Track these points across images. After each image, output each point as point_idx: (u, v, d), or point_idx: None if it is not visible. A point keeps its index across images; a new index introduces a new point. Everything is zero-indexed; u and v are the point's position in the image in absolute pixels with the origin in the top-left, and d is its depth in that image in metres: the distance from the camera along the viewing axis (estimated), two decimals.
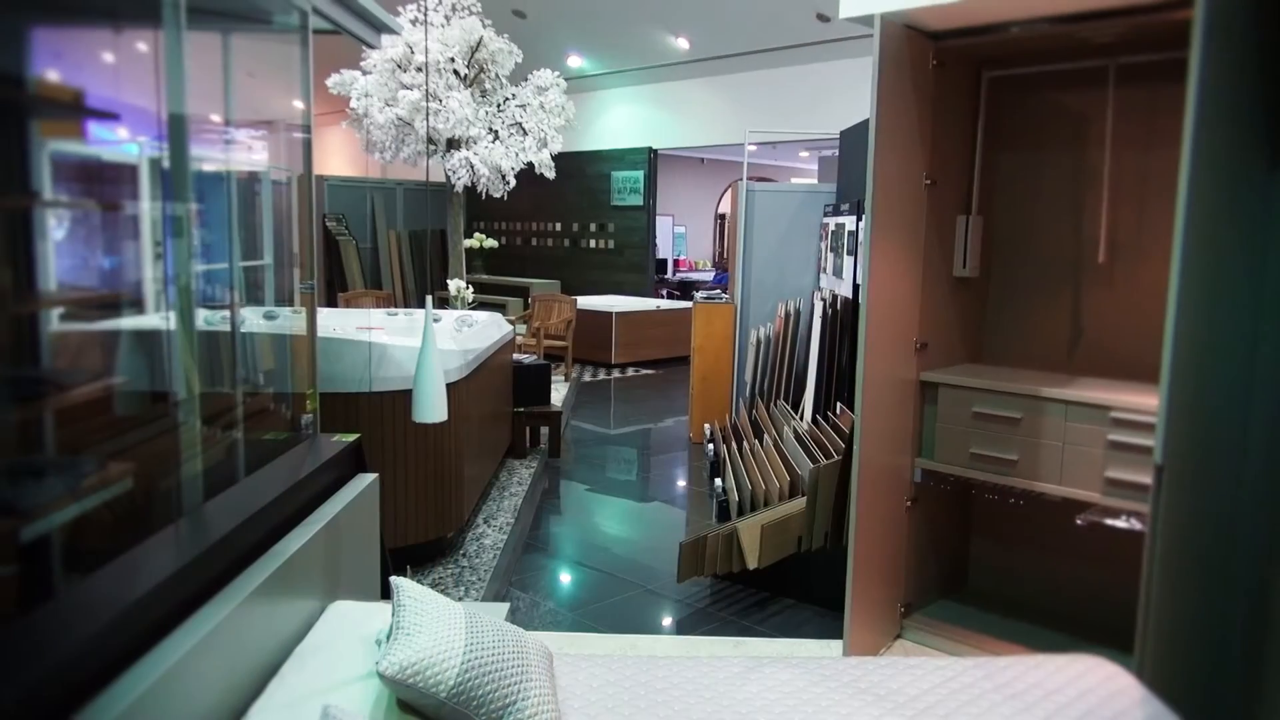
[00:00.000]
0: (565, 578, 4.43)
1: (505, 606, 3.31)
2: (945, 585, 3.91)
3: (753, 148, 7.40)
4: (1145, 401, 2.93)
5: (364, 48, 6.22)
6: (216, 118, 2.39)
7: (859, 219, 4.77)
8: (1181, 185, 2.29)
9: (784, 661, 2.36)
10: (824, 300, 5.51)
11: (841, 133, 6.04)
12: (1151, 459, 2.40)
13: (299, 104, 2.78)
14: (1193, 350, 2.37)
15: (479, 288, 9.76)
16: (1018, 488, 3.32)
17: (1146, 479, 2.52)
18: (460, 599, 3.95)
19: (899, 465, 3.50)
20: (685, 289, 15.58)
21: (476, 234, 10.77)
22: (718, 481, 4.82)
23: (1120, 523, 3.09)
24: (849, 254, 5.07)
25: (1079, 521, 3.19)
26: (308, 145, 2.76)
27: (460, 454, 4.41)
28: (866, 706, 2.11)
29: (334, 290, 10.61)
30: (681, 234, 18.46)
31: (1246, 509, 2.52)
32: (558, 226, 13.45)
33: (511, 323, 7.09)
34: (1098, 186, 3.48)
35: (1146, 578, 2.41)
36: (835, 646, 3.50)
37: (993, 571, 3.94)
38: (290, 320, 2.83)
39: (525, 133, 8.65)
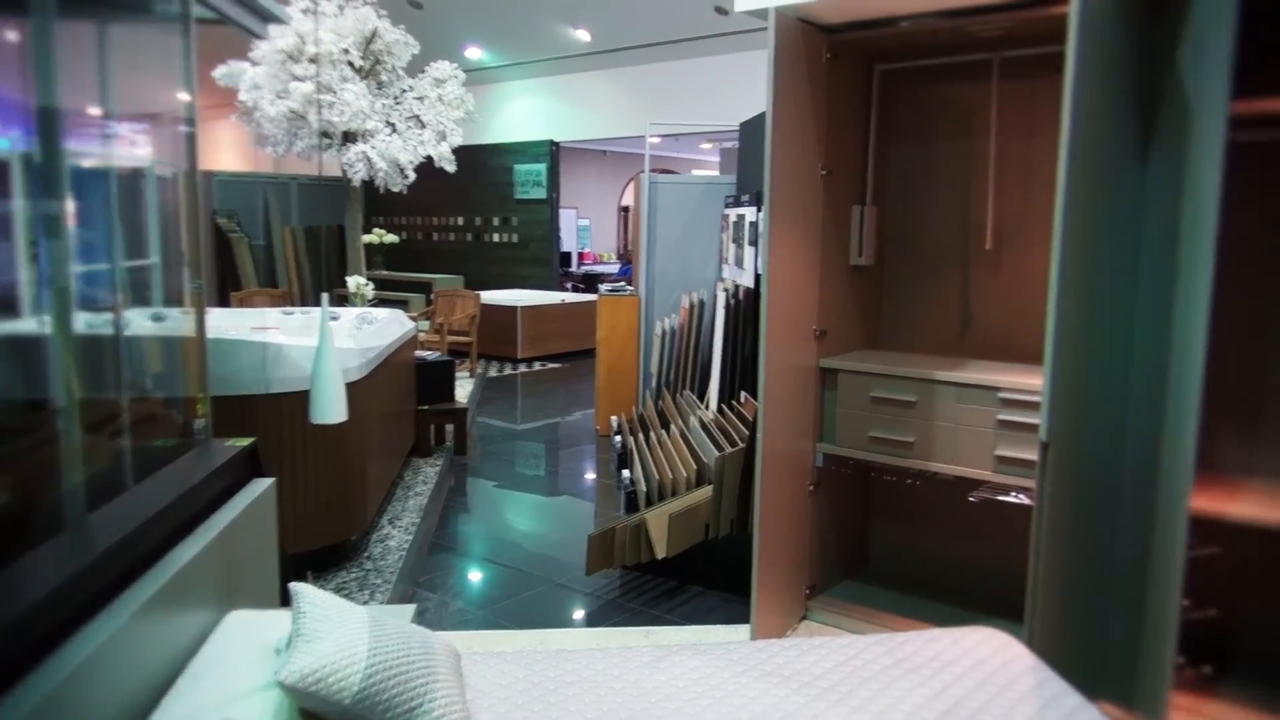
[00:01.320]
0: (474, 576, 4.39)
1: (411, 608, 3.25)
2: (848, 566, 4.01)
3: (655, 140, 7.44)
4: (1031, 382, 3.05)
5: (253, 38, 6.03)
6: (95, 111, 2.28)
7: (759, 210, 4.84)
8: (1060, 175, 2.39)
9: (692, 649, 2.39)
10: (726, 291, 5.58)
11: (741, 124, 6.11)
12: (1037, 436, 2.51)
13: (184, 96, 2.67)
14: (1074, 332, 2.48)
15: (379, 284, 9.57)
16: (914, 468, 3.43)
17: (1033, 455, 2.63)
18: (365, 603, 3.87)
19: (801, 451, 3.58)
20: (590, 282, 15.57)
21: (376, 229, 10.55)
22: (625, 473, 4.84)
23: (1010, 498, 3.22)
24: (750, 244, 5.15)
25: (971, 499, 3.32)
26: (191, 139, 2.66)
27: (362, 454, 4.32)
28: (773, 688, 2.15)
29: (226, 289, 10.26)
30: (585, 227, 18.45)
31: (1127, 482, 2.65)
32: (460, 221, 13.27)
33: (414, 319, 6.98)
34: (984, 176, 3.61)
35: (1034, 550, 2.52)
36: (743, 631, 3.56)
37: (893, 551, 4.07)
38: (179, 321, 2.73)
39: (423, 125, 8.51)
